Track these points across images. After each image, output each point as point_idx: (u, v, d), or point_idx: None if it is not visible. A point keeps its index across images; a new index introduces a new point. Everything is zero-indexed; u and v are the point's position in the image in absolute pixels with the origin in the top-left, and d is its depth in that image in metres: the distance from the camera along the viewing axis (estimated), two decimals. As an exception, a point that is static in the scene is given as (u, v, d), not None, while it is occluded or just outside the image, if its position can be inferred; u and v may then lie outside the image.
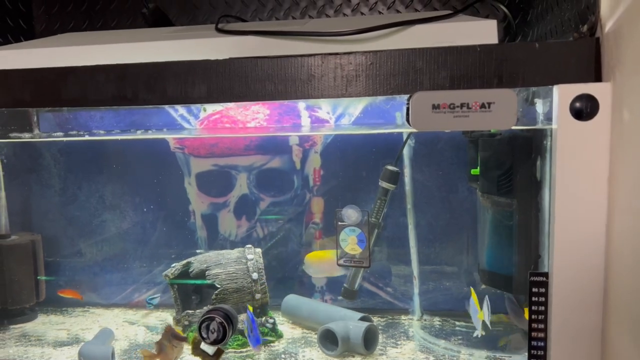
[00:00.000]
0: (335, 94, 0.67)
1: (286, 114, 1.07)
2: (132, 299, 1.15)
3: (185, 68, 0.70)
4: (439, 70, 0.64)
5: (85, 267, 1.17)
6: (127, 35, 0.90)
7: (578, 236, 0.61)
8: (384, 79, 0.65)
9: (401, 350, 0.92)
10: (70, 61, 0.75)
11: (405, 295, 1.09)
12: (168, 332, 0.81)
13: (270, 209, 1.12)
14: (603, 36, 0.60)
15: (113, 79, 0.73)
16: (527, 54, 0.62)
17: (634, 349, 0.54)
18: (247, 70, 0.69)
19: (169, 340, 0.81)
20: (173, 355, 0.81)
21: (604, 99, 0.58)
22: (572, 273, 0.62)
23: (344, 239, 0.91)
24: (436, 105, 0.62)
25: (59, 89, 0.75)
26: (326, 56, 0.67)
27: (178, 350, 0.82)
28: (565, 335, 0.64)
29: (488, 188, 0.92)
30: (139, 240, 1.16)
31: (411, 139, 1.02)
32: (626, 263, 0.56)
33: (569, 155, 0.60)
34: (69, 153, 1.17)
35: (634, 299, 0.54)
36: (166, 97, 0.71)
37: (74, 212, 1.17)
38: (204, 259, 1.01)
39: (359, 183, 1.07)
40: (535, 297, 0.66)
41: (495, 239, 0.94)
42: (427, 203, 1.05)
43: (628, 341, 0.56)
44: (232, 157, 1.12)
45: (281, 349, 0.94)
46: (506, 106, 0.61)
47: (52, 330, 1.05)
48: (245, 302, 0.98)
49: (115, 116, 1.13)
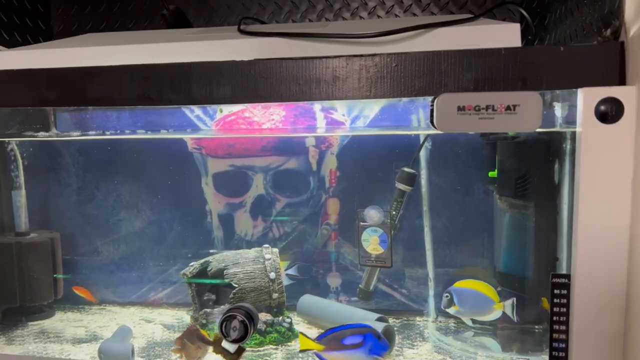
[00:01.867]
0: (359, 96, 0.67)
1: (302, 115, 1.08)
2: (148, 298, 1.16)
3: (211, 69, 0.71)
4: (463, 73, 0.65)
5: (102, 265, 1.18)
6: (150, 36, 0.91)
7: (601, 238, 0.62)
8: (409, 81, 0.66)
9: (418, 351, 0.93)
10: (95, 61, 0.76)
11: (419, 297, 1.09)
12: (193, 333, 0.82)
13: (286, 210, 1.13)
14: (628, 40, 0.61)
15: (138, 79, 0.74)
16: (552, 57, 0.63)
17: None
18: (272, 71, 0.70)
19: (193, 340, 0.81)
20: (196, 356, 0.82)
21: (629, 102, 0.59)
22: (595, 275, 0.63)
23: (366, 239, 0.92)
24: (461, 107, 0.63)
25: (85, 89, 0.76)
26: (351, 58, 0.67)
27: (202, 352, 0.83)
28: (586, 338, 0.64)
29: (505, 190, 0.93)
30: (156, 239, 1.16)
31: (428, 141, 1.02)
32: (650, 265, 0.57)
33: (593, 158, 0.61)
34: (87, 152, 1.19)
35: (659, 301, 0.55)
36: (191, 97, 0.72)
37: (92, 210, 1.18)
38: (222, 258, 1.02)
39: (375, 184, 1.08)
40: (557, 299, 0.66)
41: (512, 241, 0.94)
42: (444, 205, 1.05)
43: (652, 343, 0.56)
44: (248, 157, 1.13)
45: (298, 349, 0.95)
46: (531, 109, 0.62)
47: (70, 328, 1.06)
48: (262, 302, 0.98)
49: (132, 116, 1.14)
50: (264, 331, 0.96)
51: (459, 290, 0.91)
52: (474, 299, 0.90)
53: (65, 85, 0.76)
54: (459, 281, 0.92)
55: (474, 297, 0.90)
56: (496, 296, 0.87)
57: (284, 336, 0.97)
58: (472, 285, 0.90)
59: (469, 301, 0.91)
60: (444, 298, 0.91)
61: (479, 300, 0.89)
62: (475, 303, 0.90)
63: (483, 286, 0.89)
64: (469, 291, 0.90)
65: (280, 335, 0.96)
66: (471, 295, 0.90)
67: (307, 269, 1.03)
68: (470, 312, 0.92)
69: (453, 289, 0.91)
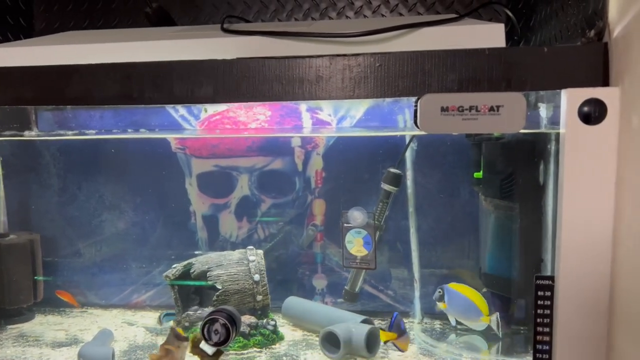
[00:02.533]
0: (343, 96, 0.67)
1: (288, 115, 1.07)
2: (131, 300, 1.15)
3: (192, 67, 0.70)
4: (447, 73, 0.64)
5: (84, 267, 1.16)
6: (131, 34, 0.90)
7: (585, 240, 0.61)
8: (392, 81, 0.65)
9: (403, 353, 0.92)
10: (74, 59, 0.75)
11: (405, 298, 1.09)
12: (172, 334, 0.81)
13: (272, 211, 1.12)
14: (611, 41, 0.61)
15: (118, 78, 0.72)
16: (536, 58, 0.63)
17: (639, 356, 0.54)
18: (255, 70, 0.69)
19: (172, 342, 0.80)
20: (179, 355, 0.81)
21: (612, 103, 0.59)
22: (578, 277, 0.62)
23: (350, 241, 0.91)
24: (445, 108, 0.62)
25: (63, 87, 0.74)
26: (334, 57, 0.67)
27: (182, 350, 0.81)
28: (570, 340, 0.64)
29: (490, 191, 0.92)
30: (139, 240, 1.15)
31: (414, 142, 1.02)
32: (633, 269, 0.56)
33: (576, 159, 0.60)
34: (69, 152, 1.17)
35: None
36: (172, 96, 0.71)
37: (73, 211, 1.16)
38: (206, 260, 1.00)
39: (361, 185, 1.07)
40: (540, 301, 0.66)
41: (497, 243, 0.94)
42: (430, 206, 1.05)
43: (633, 347, 0.56)
44: (233, 158, 1.11)
45: (282, 352, 0.94)
46: (515, 109, 0.61)
47: (50, 331, 1.04)
48: (246, 304, 0.97)
49: (115, 116, 1.12)
50: (248, 334, 0.94)
51: (451, 291, 0.90)
52: (464, 305, 0.90)
53: (43, 84, 0.75)
54: (455, 283, 0.91)
55: (464, 303, 0.90)
56: (486, 309, 0.87)
57: (268, 339, 0.95)
58: (465, 292, 0.90)
59: (457, 305, 0.91)
60: (436, 292, 0.91)
61: (468, 308, 0.89)
62: (464, 309, 0.90)
63: (476, 296, 0.89)
64: (461, 296, 0.90)
65: (265, 337, 0.95)
66: (462, 300, 0.90)
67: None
68: (456, 314, 0.92)
69: (447, 287, 0.91)
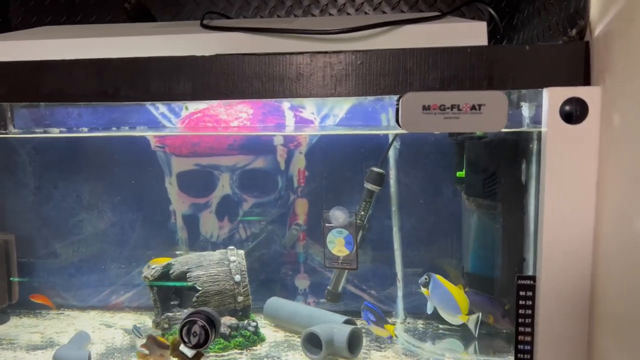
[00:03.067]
0: (324, 93, 0.65)
1: (270, 113, 1.06)
2: (110, 301, 1.12)
3: (170, 64, 0.68)
4: (429, 71, 0.63)
5: (61, 268, 1.13)
6: (108, 29, 0.88)
7: (566, 239, 0.61)
8: (374, 79, 0.64)
9: (385, 353, 0.92)
10: (49, 55, 0.73)
11: (388, 298, 1.08)
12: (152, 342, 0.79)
13: (254, 210, 1.10)
14: (592, 40, 0.61)
15: (93, 74, 0.70)
16: (518, 57, 0.62)
17: (620, 354, 0.54)
18: (234, 67, 0.67)
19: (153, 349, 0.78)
20: None
21: (594, 102, 0.58)
22: (560, 277, 0.62)
23: (332, 241, 0.90)
24: (426, 107, 0.61)
25: (36, 83, 0.72)
26: (315, 55, 0.66)
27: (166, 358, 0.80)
28: (551, 340, 0.63)
29: (473, 191, 0.92)
30: (117, 241, 1.12)
31: (397, 141, 1.01)
32: (614, 268, 0.56)
33: (558, 158, 0.60)
34: (45, 151, 1.14)
35: (621, 304, 0.54)
36: (149, 93, 0.69)
37: (50, 211, 1.13)
38: (185, 260, 0.99)
39: (344, 184, 1.06)
40: (522, 301, 0.65)
41: (479, 242, 0.94)
42: (413, 205, 1.04)
43: (614, 347, 0.56)
44: (214, 156, 1.10)
45: (264, 353, 0.92)
46: (496, 108, 0.61)
47: (25, 334, 1.01)
48: (227, 305, 0.96)
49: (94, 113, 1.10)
50: (229, 335, 0.93)
51: (437, 282, 0.90)
52: (445, 299, 0.89)
53: (16, 80, 0.72)
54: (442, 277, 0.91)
55: (446, 297, 0.89)
56: (465, 309, 0.87)
57: (249, 340, 0.94)
58: (451, 288, 0.90)
59: (439, 296, 0.90)
60: (423, 277, 0.90)
61: (449, 303, 0.89)
62: (444, 302, 0.90)
63: (460, 296, 0.88)
64: (445, 290, 0.90)
65: (246, 339, 0.94)
66: (445, 294, 0.89)
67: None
68: (436, 303, 0.91)
69: (434, 277, 0.90)
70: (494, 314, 0.89)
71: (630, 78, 0.52)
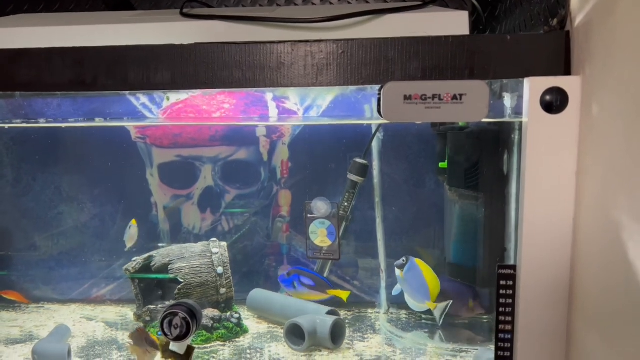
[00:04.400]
0: (305, 83, 0.65)
1: (253, 104, 1.05)
2: (90, 295, 1.11)
3: (148, 53, 0.67)
4: (410, 61, 0.63)
5: (40, 261, 1.12)
6: (86, 17, 0.86)
7: (546, 229, 0.61)
8: (355, 68, 0.64)
9: (368, 344, 0.92)
10: (24, 43, 0.71)
11: (372, 288, 1.08)
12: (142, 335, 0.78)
13: (236, 202, 1.09)
14: (573, 30, 0.61)
15: (71, 63, 0.69)
16: (499, 46, 0.62)
17: (598, 343, 0.55)
18: (214, 56, 0.66)
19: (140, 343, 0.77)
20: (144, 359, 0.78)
21: (574, 92, 0.59)
22: (539, 266, 0.62)
23: (314, 232, 0.90)
24: (408, 96, 0.61)
25: (12, 72, 0.70)
26: (296, 44, 0.65)
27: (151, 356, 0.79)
28: (531, 329, 0.64)
29: (455, 181, 0.92)
30: (98, 233, 1.11)
31: (380, 132, 1.01)
32: (592, 257, 0.57)
33: (538, 148, 0.60)
34: (23, 142, 1.12)
35: (599, 293, 0.55)
36: (127, 83, 0.68)
37: (28, 203, 1.11)
38: (167, 252, 0.98)
39: (327, 176, 1.06)
40: (503, 290, 0.66)
41: (461, 232, 0.94)
42: (396, 196, 1.04)
43: (592, 335, 0.56)
44: (196, 147, 1.09)
45: (247, 344, 0.92)
46: (478, 98, 0.60)
47: (4, 328, 1.00)
48: (209, 297, 0.95)
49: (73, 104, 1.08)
50: (212, 327, 0.93)
51: (414, 266, 0.90)
52: (417, 283, 0.90)
53: (-9, 68, 0.71)
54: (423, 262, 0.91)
55: (418, 281, 0.90)
56: (434, 296, 0.88)
57: (231, 332, 0.94)
58: (426, 274, 0.90)
59: (412, 279, 0.91)
60: (401, 259, 0.91)
61: (419, 288, 0.89)
62: (415, 286, 0.90)
63: (433, 282, 0.89)
64: (419, 274, 0.90)
65: (228, 331, 0.94)
66: (418, 278, 0.90)
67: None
68: (405, 287, 0.91)
69: (412, 260, 0.90)
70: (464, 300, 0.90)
71: (610, 68, 0.52)
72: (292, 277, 0.91)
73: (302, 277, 0.89)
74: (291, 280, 0.91)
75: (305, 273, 0.90)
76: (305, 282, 0.90)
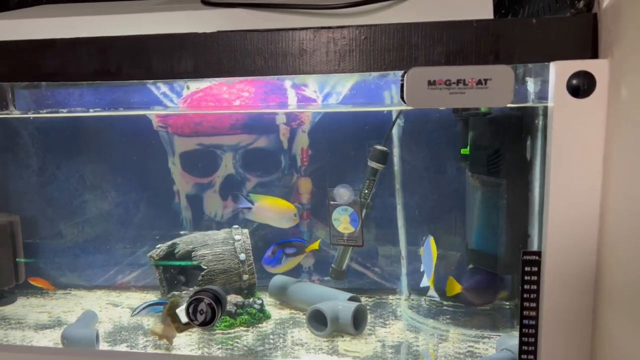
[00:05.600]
0: (327, 70, 0.65)
1: (272, 92, 1.05)
2: (116, 281, 1.13)
3: (171, 41, 0.67)
4: (434, 46, 0.62)
5: (67, 248, 1.14)
6: (109, 7, 0.86)
7: (572, 215, 0.61)
8: (378, 54, 0.64)
9: (390, 329, 0.92)
10: (50, 33, 0.72)
11: (392, 275, 1.08)
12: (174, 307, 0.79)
13: (257, 190, 1.10)
14: (600, 12, 0.59)
15: (95, 53, 0.69)
16: (524, 30, 0.61)
17: (625, 329, 0.54)
18: (236, 44, 0.66)
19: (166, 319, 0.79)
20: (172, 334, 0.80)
21: (601, 76, 0.58)
22: (565, 252, 0.62)
23: (337, 219, 0.91)
24: (432, 82, 0.61)
25: (38, 63, 0.71)
26: (318, 30, 0.65)
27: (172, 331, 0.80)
28: (556, 315, 0.64)
29: (478, 168, 0.92)
30: (122, 221, 1.13)
31: (400, 118, 1.01)
32: (620, 243, 0.56)
33: (564, 133, 0.60)
34: (48, 132, 1.14)
35: (627, 279, 0.54)
36: (151, 71, 0.69)
37: (54, 192, 1.13)
38: (190, 239, 0.99)
39: (347, 163, 1.06)
40: (527, 276, 0.66)
41: (484, 219, 0.94)
42: (416, 183, 1.04)
43: (619, 321, 0.56)
44: (217, 136, 1.09)
45: (269, 330, 0.93)
46: (503, 83, 0.60)
47: (33, 313, 1.02)
48: (232, 284, 0.96)
49: (95, 94, 1.09)
50: (235, 313, 0.94)
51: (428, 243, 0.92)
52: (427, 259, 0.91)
53: (18, 59, 0.72)
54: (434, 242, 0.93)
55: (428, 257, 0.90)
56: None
57: (254, 318, 0.95)
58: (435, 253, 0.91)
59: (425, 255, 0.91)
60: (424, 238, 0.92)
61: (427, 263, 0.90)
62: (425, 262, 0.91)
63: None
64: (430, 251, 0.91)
65: (251, 316, 0.95)
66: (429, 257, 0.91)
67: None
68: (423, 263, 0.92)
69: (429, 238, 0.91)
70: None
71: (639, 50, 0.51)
72: (277, 254, 0.92)
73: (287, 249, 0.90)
74: (277, 257, 0.92)
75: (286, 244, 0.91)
76: (290, 252, 0.91)
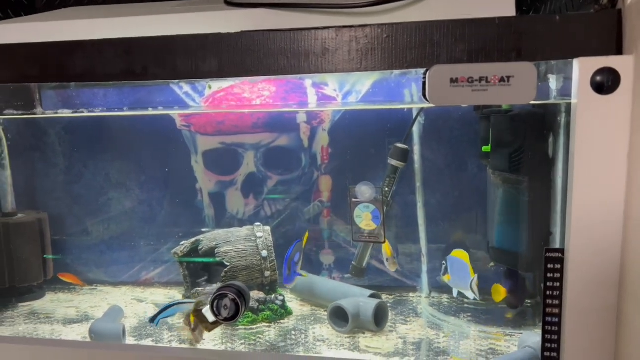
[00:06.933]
0: (350, 68, 0.65)
1: (292, 91, 1.06)
2: (140, 277, 1.15)
3: (196, 42, 0.69)
4: (456, 44, 0.63)
5: (93, 245, 1.17)
6: (134, 8, 0.88)
7: (596, 212, 0.61)
8: (400, 53, 0.64)
9: (411, 327, 0.93)
10: (77, 35, 0.74)
11: (413, 273, 1.09)
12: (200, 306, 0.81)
13: (278, 188, 1.11)
14: (625, 8, 0.59)
15: (121, 53, 0.71)
16: (547, 27, 0.61)
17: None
18: (260, 44, 0.67)
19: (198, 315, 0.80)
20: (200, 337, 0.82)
21: (626, 72, 0.57)
22: (589, 250, 0.62)
23: (359, 216, 0.91)
24: (454, 79, 0.61)
25: (66, 64, 0.73)
26: (340, 29, 0.65)
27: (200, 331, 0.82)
28: (579, 312, 0.63)
29: (499, 165, 0.91)
30: (146, 218, 1.15)
31: (421, 116, 1.01)
32: (645, 239, 0.56)
33: (588, 129, 0.59)
34: (74, 131, 1.16)
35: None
36: (176, 71, 0.70)
37: (80, 190, 1.16)
38: (213, 236, 1.01)
39: (367, 161, 1.06)
40: (550, 274, 0.65)
41: (505, 217, 0.93)
42: (437, 181, 1.04)
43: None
44: (239, 135, 1.11)
45: (291, 326, 0.94)
46: (526, 80, 0.60)
47: (61, 308, 1.05)
48: (254, 280, 0.98)
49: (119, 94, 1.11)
50: (257, 309, 0.95)
51: (452, 261, 0.91)
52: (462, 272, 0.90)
53: (46, 61, 0.74)
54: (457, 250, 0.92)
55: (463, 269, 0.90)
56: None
57: (276, 314, 0.96)
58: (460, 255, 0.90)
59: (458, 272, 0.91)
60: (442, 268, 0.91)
61: (465, 275, 0.89)
62: (462, 276, 0.90)
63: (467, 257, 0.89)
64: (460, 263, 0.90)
65: (273, 312, 0.96)
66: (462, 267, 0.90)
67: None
68: (457, 282, 0.91)
69: (448, 259, 0.91)
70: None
71: (665, 46, 0.51)
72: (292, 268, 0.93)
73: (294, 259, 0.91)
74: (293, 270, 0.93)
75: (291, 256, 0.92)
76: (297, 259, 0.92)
